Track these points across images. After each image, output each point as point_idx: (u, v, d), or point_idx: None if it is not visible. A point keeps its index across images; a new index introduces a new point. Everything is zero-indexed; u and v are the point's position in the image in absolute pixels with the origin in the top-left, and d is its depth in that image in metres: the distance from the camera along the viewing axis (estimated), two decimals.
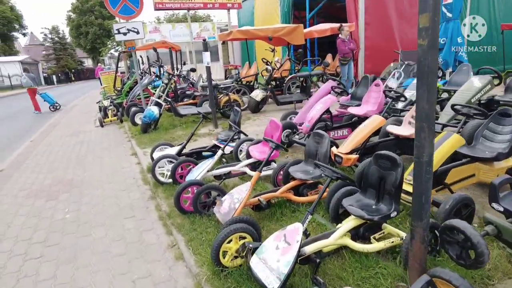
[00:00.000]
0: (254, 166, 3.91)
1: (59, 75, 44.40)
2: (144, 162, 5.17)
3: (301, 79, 8.57)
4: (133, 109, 8.70)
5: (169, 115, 8.22)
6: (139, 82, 8.62)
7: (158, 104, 7.14)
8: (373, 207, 2.36)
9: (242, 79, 9.93)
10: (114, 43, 35.28)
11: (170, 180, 4.02)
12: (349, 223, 2.36)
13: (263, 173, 3.78)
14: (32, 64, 39.66)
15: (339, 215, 2.75)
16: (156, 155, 4.68)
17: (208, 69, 6.56)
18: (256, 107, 8.11)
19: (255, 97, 7.95)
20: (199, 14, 33.55)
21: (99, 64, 39.83)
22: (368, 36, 9.65)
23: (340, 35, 8.67)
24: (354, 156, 3.43)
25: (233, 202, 2.85)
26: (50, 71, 45.26)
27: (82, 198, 4.17)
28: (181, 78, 9.02)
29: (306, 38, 9.38)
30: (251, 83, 9.71)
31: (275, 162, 3.97)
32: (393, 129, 3.82)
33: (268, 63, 9.66)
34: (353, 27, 9.98)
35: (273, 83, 9.09)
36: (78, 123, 10.01)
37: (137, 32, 8.24)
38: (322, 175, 2.93)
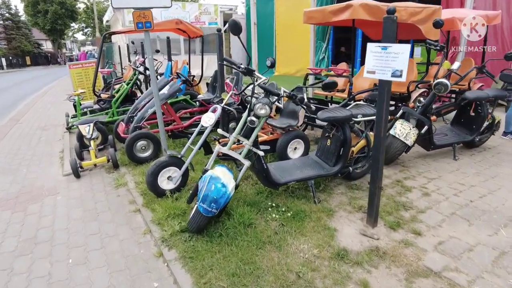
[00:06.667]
0: None
1: (11, 58, 37.16)
2: None
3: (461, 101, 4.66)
4: (149, 153, 4.42)
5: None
6: (153, 88, 4.30)
7: (237, 163, 2.92)
8: None
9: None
10: (83, 25, 29.22)
11: None
12: None
13: None
14: None
15: None
16: None
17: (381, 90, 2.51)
18: (399, 155, 4.15)
19: (402, 137, 3.97)
20: None
21: (82, 49, 33.17)
22: None
23: None
24: None
25: None
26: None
27: None
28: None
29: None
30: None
31: None
32: None
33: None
34: (498, 18, 6.27)
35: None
36: (28, 160, 5.41)
37: None
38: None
